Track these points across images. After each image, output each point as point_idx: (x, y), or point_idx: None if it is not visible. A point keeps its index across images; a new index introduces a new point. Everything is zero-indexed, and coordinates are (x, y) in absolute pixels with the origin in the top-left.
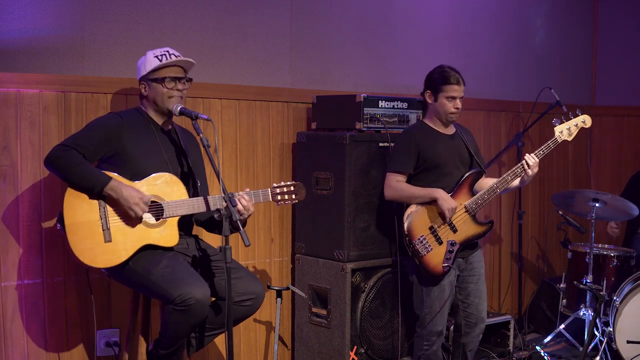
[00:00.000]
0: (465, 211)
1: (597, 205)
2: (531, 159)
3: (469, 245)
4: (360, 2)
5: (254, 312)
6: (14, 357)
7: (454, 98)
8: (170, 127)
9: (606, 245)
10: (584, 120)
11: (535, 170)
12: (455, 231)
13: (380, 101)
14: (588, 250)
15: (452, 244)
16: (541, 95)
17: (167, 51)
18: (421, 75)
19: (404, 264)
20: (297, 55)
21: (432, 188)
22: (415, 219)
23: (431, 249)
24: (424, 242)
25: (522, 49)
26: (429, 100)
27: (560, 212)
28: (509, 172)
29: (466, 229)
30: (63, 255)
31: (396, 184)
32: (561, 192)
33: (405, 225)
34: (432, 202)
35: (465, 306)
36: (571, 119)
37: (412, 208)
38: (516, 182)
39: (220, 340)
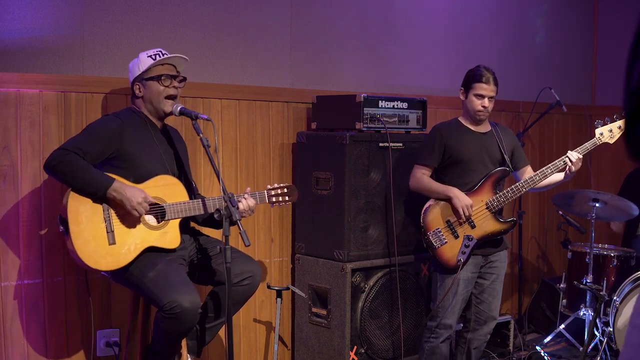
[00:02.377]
0: (486, 208)
1: (597, 205)
2: (574, 155)
3: (491, 243)
4: (360, 2)
5: (254, 290)
6: (14, 357)
7: (482, 96)
8: (162, 125)
9: (606, 245)
10: None
11: (579, 165)
12: (473, 227)
13: (380, 101)
14: (588, 250)
15: (469, 238)
16: (541, 95)
17: (160, 51)
18: (421, 75)
19: (425, 258)
20: (297, 55)
21: (448, 186)
22: (433, 211)
23: (446, 242)
24: (438, 234)
25: (522, 49)
26: (462, 97)
27: (560, 212)
28: (537, 172)
29: (485, 225)
30: (63, 255)
31: (420, 176)
32: (561, 192)
33: (422, 217)
34: (448, 200)
35: (478, 302)
36: (615, 121)
37: (432, 201)
38: (560, 176)
39: (220, 340)
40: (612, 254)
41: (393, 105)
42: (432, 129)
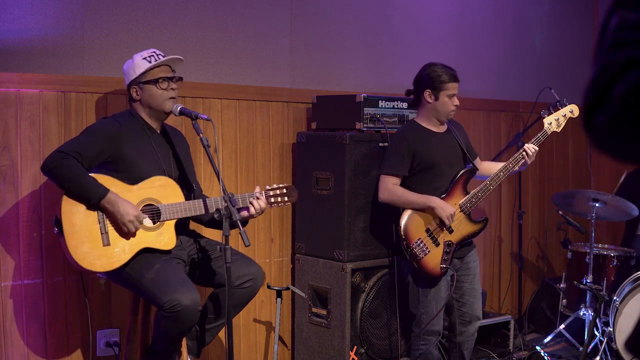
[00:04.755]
0: (460, 210)
1: (597, 205)
2: (531, 148)
3: (465, 244)
4: (360, 2)
5: (255, 293)
6: (14, 357)
7: (453, 95)
8: (161, 128)
9: (606, 245)
10: (572, 110)
11: (534, 157)
12: (451, 232)
13: (380, 101)
14: (588, 250)
15: (449, 244)
16: (541, 95)
17: (154, 52)
18: None
19: (400, 264)
20: (297, 55)
21: (427, 195)
22: (412, 222)
23: (429, 252)
24: (421, 245)
25: (522, 49)
26: (429, 100)
27: (560, 212)
28: (501, 168)
29: (462, 228)
30: (63, 255)
31: (392, 188)
32: (561, 192)
33: (402, 229)
34: (429, 209)
35: (460, 305)
36: (559, 109)
37: (408, 212)
38: (515, 168)
39: (220, 340)
40: (612, 254)
41: (393, 105)
42: (397, 136)
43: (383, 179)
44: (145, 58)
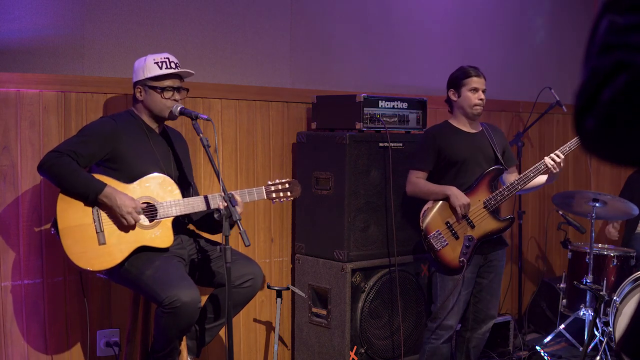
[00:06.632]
0: (484, 207)
1: (597, 205)
2: (555, 158)
3: (489, 242)
4: (360, 2)
5: (255, 292)
6: (14, 357)
7: (476, 90)
8: (161, 129)
9: (606, 245)
10: None
11: (562, 166)
12: (472, 227)
13: (380, 101)
14: (588, 250)
15: (470, 239)
16: (541, 95)
17: (168, 58)
18: (421, 75)
19: (425, 259)
20: (297, 55)
21: (445, 185)
22: (432, 214)
23: (447, 244)
24: (439, 237)
25: (522, 49)
26: (454, 98)
27: (560, 212)
28: (532, 168)
29: (484, 224)
30: (63, 255)
31: (416, 180)
32: (561, 192)
33: (422, 220)
34: (447, 199)
35: (477, 301)
36: None
37: (430, 204)
38: (543, 179)
39: (220, 340)
40: (612, 254)
41: (393, 105)
42: (425, 133)
43: (410, 173)
44: (157, 62)
